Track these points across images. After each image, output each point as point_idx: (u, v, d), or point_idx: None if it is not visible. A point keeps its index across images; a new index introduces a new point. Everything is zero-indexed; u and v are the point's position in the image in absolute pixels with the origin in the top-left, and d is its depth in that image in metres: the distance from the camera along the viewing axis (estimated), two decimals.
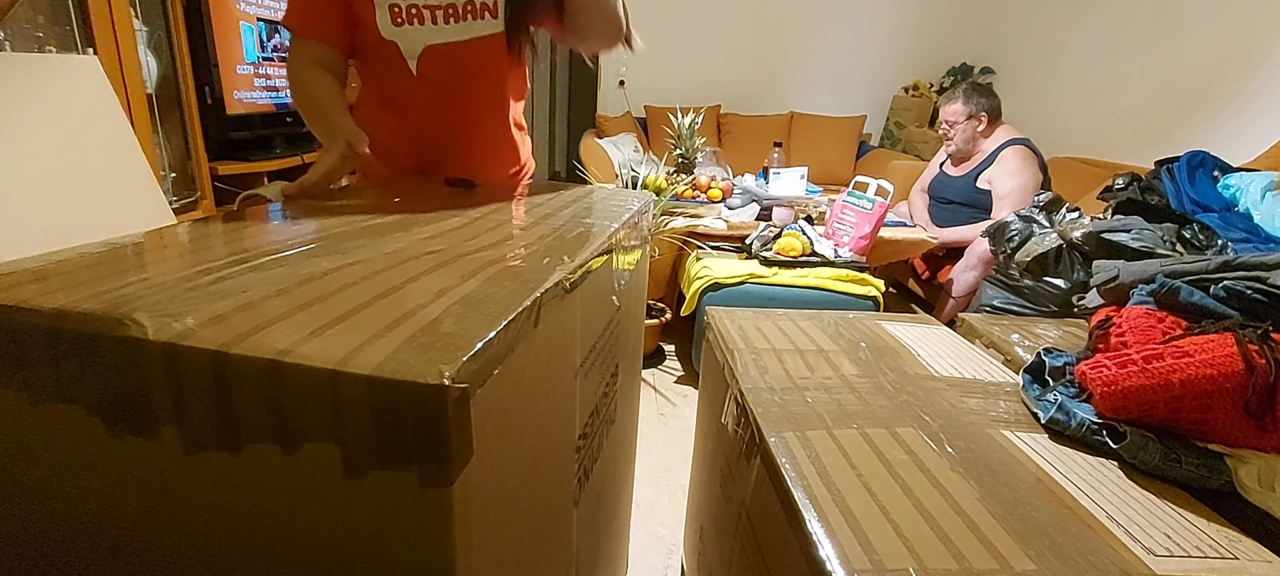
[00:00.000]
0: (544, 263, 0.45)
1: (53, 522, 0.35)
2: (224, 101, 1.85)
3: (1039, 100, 3.31)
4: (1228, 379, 0.54)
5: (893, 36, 3.95)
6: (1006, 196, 2.06)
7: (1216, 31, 2.41)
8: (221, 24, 1.82)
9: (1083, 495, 0.51)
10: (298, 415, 0.28)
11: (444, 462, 0.28)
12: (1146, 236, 1.12)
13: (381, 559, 0.31)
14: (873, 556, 0.42)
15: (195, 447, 0.30)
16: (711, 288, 1.72)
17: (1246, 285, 0.67)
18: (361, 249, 0.45)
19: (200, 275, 0.37)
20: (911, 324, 0.91)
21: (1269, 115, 2.19)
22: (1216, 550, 0.46)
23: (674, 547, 1.23)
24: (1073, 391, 0.64)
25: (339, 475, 0.29)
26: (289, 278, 0.38)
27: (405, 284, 0.38)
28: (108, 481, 0.33)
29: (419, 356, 0.28)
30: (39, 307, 0.31)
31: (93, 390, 0.31)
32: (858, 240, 1.90)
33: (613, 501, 0.82)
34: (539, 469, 0.44)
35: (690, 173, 2.42)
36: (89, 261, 0.39)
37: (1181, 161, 1.51)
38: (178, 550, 0.33)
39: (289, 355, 0.28)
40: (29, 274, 0.36)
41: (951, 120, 2.23)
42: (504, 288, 0.38)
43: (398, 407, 0.27)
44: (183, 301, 0.33)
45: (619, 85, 3.98)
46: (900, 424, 0.61)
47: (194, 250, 0.44)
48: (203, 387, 0.29)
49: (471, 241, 0.50)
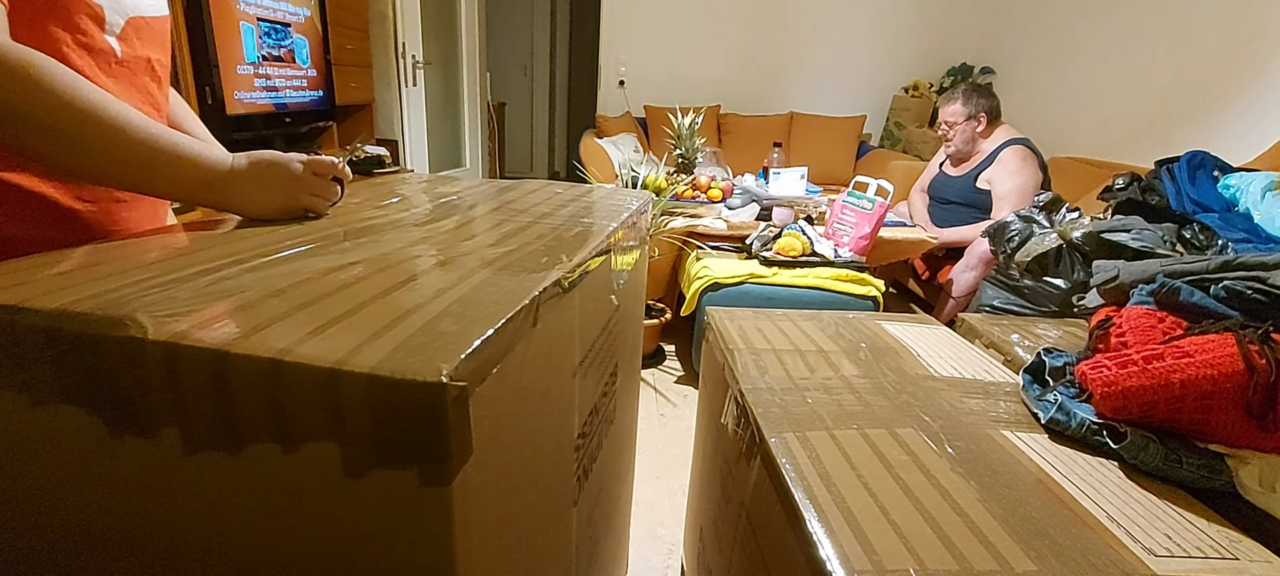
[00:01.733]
0: (542, 262, 0.45)
1: (54, 522, 0.35)
2: (224, 101, 1.85)
3: (1039, 100, 3.31)
4: (1228, 379, 0.54)
5: (893, 36, 3.95)
6: (1006, 196, 2.06)
7: (1217, 31, 2.41)
8: (222, 24, 1.82)
9: (1083, 495, 0.51)
10: (298, 414, 0.28)
11: (443, 461, 0.28)
12: (1146, 236, 1.12)
13: (381, 557, 0.31)
14: (873, 557, 0.42)
15: (196, 447, 0.30)
16: (711, 288, 1.72)
17: (1246, 285, 0.67)
18: (358, 249, 0.45)
19: (199, 275, 0.37)
20: (911, 324, 0.91)
21: (1269, 115, 2.19)
22: (1217, 550, 0.46)
23: (674, 547, 1.23)
24: (1073, 391, 0.64)
25: (339, 474, 0.29)
26: (287, 278, 0.38)
27: (403, 283, 0.38)
28: (108, 481, 0.33)
29: (418, 355, 0.28)
30: (40, 308, 0.31)
31: (93, 390, 0.31)
32: (858, 240, 1.90)
33: (612, 500, 0.82)
34: (538, 467, 0.44)
35: (690, 173, 2.42)
36: (89, 261, 0.39)
37: (1182, 161, 1.51)
38: (179, 549, 0.33)
39: (289, 354, 0.28)
40: (28, 273, 0.36)
41: (951, 121, 2.23)
42: (502, 287, 0.38)
43: (397, 406, 0.27)
44: (182, 301, 0.33)
45: (619, 85, 3.98)
46: (900, 424, 0.61)
47: (192, 251, 0.44)
48: (203, 387, 0.29)
49: (468, 241, 0.50)
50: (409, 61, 3.14)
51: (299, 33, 2.22)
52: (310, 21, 2.28)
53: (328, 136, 2.57)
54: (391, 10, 2.96)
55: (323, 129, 2.53)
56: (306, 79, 2.28)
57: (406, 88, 3.16)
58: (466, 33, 3.83)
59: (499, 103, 5.09)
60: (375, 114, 3.02)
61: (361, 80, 2.79)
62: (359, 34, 2.74)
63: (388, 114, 3.14)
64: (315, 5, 2.31)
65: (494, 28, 5.24)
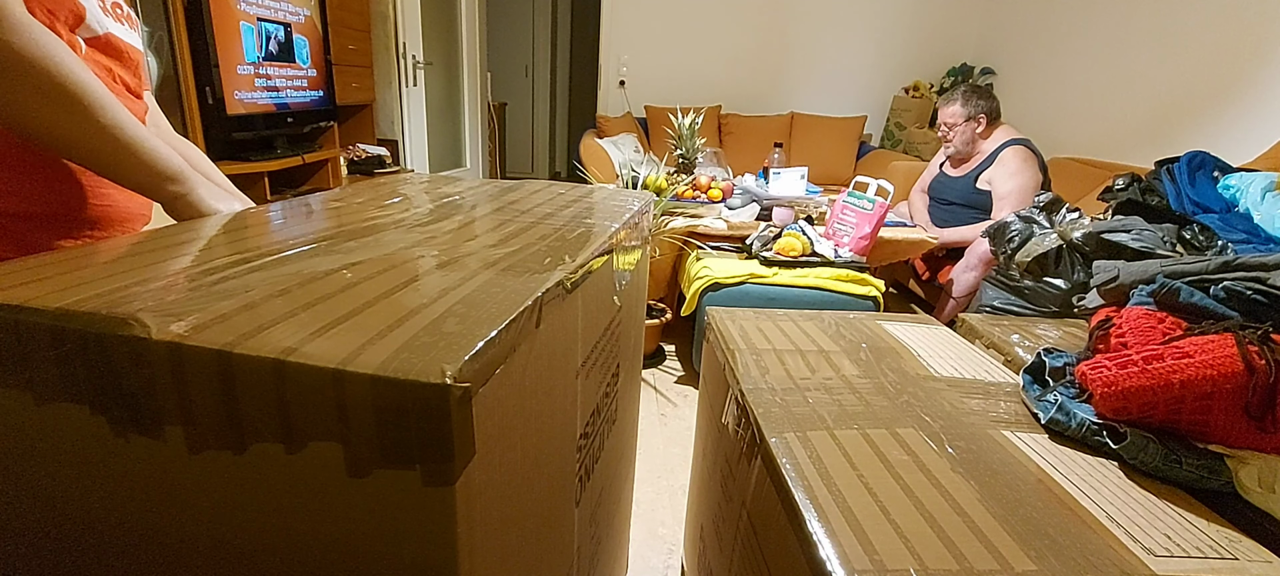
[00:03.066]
0: (545, 262, 0.45)
1: (58, 522, 0.35)
2: (225, 101, 1.85)
3: (1039, 100, 3.32)
4: (1228, 380, 0.54)
5: (893, 37, 3.95)
6: (1006, 197, 2.06)
7: (1217, 32, 2.41)
8: (222, 24, 1.82)
9: (1083, 495, 0.51)
10: (301, 414, 0.28)
11: (447, 461, 0.28)
12: (1146, 237, 1.12)
13: (385, 557, 0.31)
14: (873, 557, 0.42)
15: (200, 446, 0.31)
16: (712, 288, 1.73)
17: (1246, 286, 0.67)
18: (362, 249, 0.46)
19: (203, 275, 0.37)
20: (912, 324, 0.92)
21: (1269, 115, 2.19)
22: (1216, 550, 0.46)
23: (674, 547, 1.23)
24: (1073, 392, 0.64)
25: (343, 474, 0.29)
26: (291, 278, 0.38)
27: (407, 284, 0.38)
28: (113, 480, 0.33)
29: (422, 356, 0.28)
30: (43, 307, 0.31)
31: (98, 389, 0.31)
32: (858, 240, 1.90)
33: (613, 500, 0.82)
34: (541, 468, 0.44)
35: (690, 173, 2.42)
36: (91, 260, 0.39)
37: (1182, 162, 1.51)
38: (183, 549, 0.34)
39: (293, 354, 0.28)
40: (33, 272, 0.36)
41: (950, 122, 2.23)
42: (506, 288, 0.38)
43: (401, 406, 0.27)
44: (187, 301, 0.33)
45: (619, 85, 3.98)
46: (901, 424, 0.61)
47: (195, 250, 0.44)
48: (208, 387, 0.29)
49: (471, 242, 0.50)
50: (410, 61, 3.15)
51: (299, 33, 2.22)
52: (310, 21, 2.29)
53: (328, 136, 2.58)
54: (392, 10, 2.96)
55: (324, 129, 2.54)
56: (307, 79, 2.29)
57: (407, 88, 3.17)
58: (467, 33, 3.83)
59: (500, 103, 5.10)
60: (376, 114, 3.02)
61: (362, 80, 2.79)
62: (360, 34, 2.74)
63: (388, 114, 3.14)
64: (315, 5, 2.32)
65: (495, 28, 5.25)
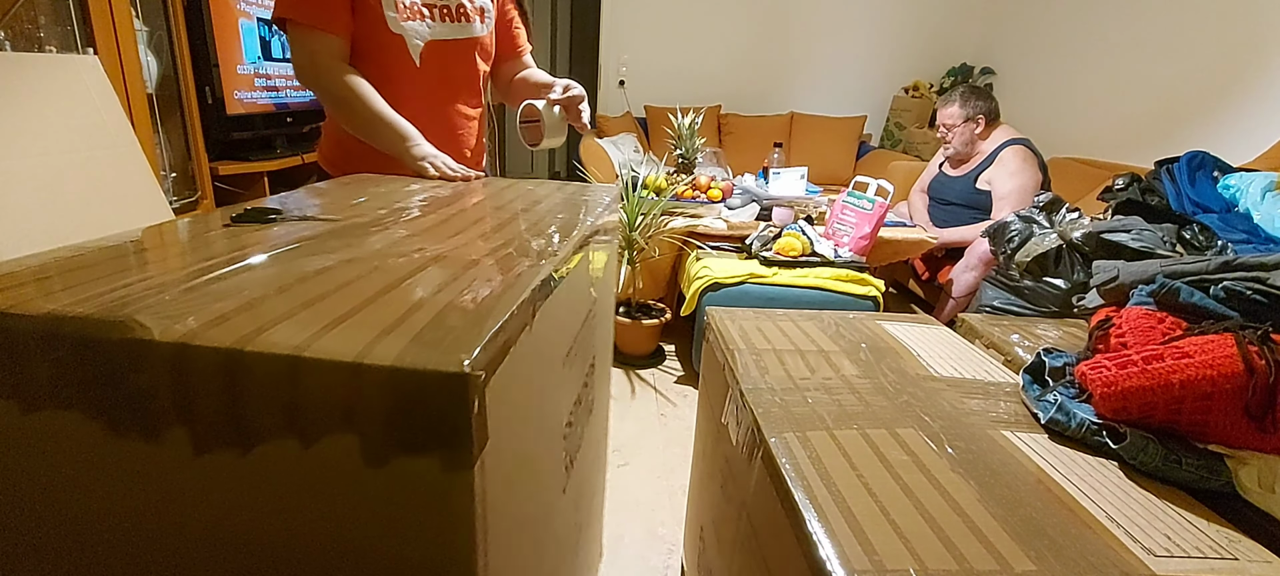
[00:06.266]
0: (536, 256, 0.46)
1: (58, 529, 0.35)
2: (224, 101, 1.85)
3: (1039, 100, 3.31)
4: (1228, 380, 0.54)
5: (893, 37, 3.95)
6: (1006, 197, 2.06)
7: (1217, 32, 2.41)
8: (222, 24, 1.82)
9: (1083, 496, 0.51)
10: (316, 409, 0.29)
11: (466, 447, 0.29)
12: (1146, 237, 1.12)
13: (404, 541, 0.31)
14: (873, 557, 0.42)
15: (205, 447, 0.30)
16: (711, 288, 1.73)
17: (1246, 286, 0.67)
18: (348, 248, 0.46)
19: (197, 275, 0.37)
20: (912, 324, 0.92)
21: (1269, 115, 2.19)
22: (1216, 551, 0.46)
23: (674, 547, 1.23)
24: (1073, 392, 0.64)
25: (360, 464, 0.30)
26: (287, 276, 0.38)
27: (402, 281, 0.39)
28: (112, 486, 0.33)
29: (437, 347, 0.29)
30: (34, 312, 0.31)
31: (93, 394, 0.31)
32: (858, 240, 1.90)
33: (592, 488, 0.85)
34: (537, 456, 0.45)
35: (690, 173, 2.42)
36: (86, 262, 0.39)
37: (1181, 162, 1.51)
38: (188, 552, 0.34)
39: (307, 350, 0.28)
40: (29, 274, 0.36)
41: (949, 123, 2.23)
42: (501, 281, 0.39)
43: (420, 396, 0.28)
44: (184, 302, 0.33)
45: (619, 85, 3.98)
46: (901, 424, 0.61)
47: (189, 250, 0.44)
48: (213, 387, 0.29)
49: (454, 237, 0.51)
50: None
51: None
52: None
53: None
54: None
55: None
56: None
57: None
58: None
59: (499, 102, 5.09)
60: None
61: None
62: None
63: None
64: None
65: None
